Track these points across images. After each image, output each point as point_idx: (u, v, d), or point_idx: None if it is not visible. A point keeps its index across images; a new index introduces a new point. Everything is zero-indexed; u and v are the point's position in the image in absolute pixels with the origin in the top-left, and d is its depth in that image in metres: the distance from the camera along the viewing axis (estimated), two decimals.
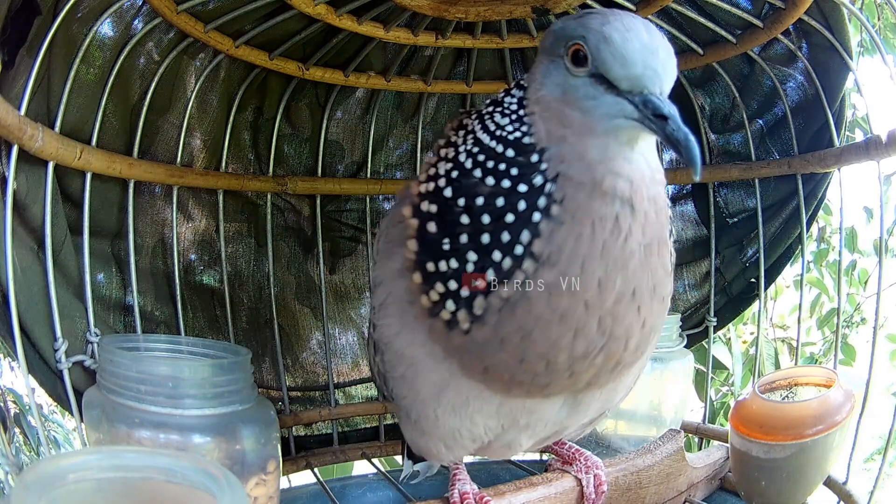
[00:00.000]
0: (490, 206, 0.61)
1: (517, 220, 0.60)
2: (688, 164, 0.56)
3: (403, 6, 1.04)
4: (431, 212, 0.64)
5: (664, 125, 0.56)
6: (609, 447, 1.21)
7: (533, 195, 0.60)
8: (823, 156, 1.11)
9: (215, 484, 0.54)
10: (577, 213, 0.59)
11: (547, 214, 0.60)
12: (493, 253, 0.60)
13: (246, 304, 1.31)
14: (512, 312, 0.60)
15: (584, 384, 0.66)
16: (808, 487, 0.97)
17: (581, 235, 0.59)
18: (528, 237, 0.60)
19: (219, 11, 1.03)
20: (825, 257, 2.05)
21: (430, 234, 0.64)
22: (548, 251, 0.59)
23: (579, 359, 0.62)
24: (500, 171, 0.62)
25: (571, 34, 0.61)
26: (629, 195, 0.60)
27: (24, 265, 0.84)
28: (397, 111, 1.40)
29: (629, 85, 0.58)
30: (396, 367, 0.73)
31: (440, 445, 0.77)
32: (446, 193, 0.64)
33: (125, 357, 0.81)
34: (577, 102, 0.61)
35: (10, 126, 0.76)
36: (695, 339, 1.36)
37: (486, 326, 0.61)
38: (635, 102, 0.58)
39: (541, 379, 0.63)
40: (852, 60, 1.07)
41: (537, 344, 0.61)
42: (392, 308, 0.72)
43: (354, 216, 1.41)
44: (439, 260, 0.63)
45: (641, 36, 0.58)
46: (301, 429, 1.34)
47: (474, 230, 0.61)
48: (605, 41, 0.58)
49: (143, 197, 1.14)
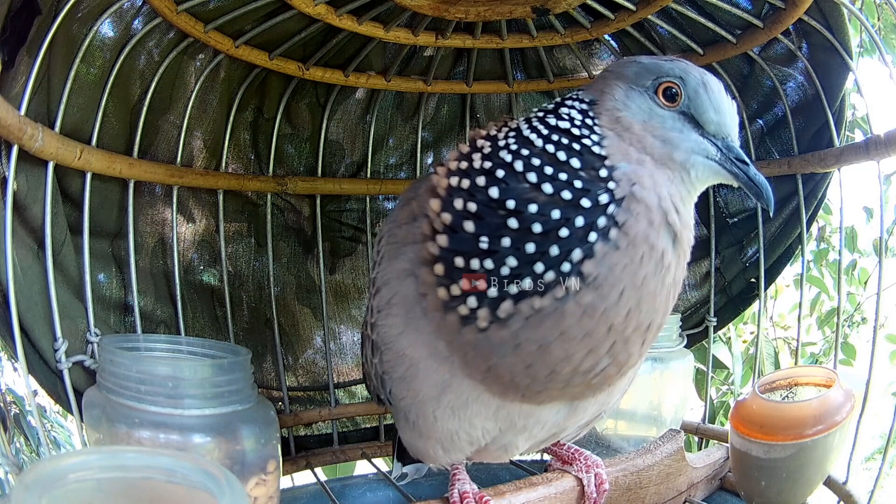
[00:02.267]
0: (544, 217, 0.60)
1: (571, 237, 0.59)
2: (765, 206, 0.65)
3: (403, 6, 1.04)
4: (470, 210, 0.62)
5: (746, 169, 0.64)
6: (609, 447, 1.21)
7: (595, 213, 0.60)
8: (823, 156, 1.11)
9: (215, 484, 0.54)
10: (635, 240, 0.60)
11: (605, 237, 0.59)
12: (535, 264, 0.59)
13: (246, 304, 1.31)
14: (540, 323, 0.60)
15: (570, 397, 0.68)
16: (808, 487, 0.97)
17: (631, 264, 0.60)
18: (579, 256, 0.59)
19: (219, 11, 1.03)
20: (825, 257, 2.05)
21: (465, 232, 0.62)
22: (596, 274, 0.59)
23: (581, 373, 0.63)
24: (560, 180, 0.61)
25: (668, 72, 0.66)
26: (680, 233, 0.62)
27: (24, 265, 0.84)
28: (397, 111, 1.40)
29: (715, 129, 0.65)
30: (396, 367, 0.73)
31: (437, 448, 0.77)
32: (492, 193, 0.62)
33: (125, 357, 0.81)
34: (663, 132, 0.65)
35: (10, 126, 0.76)
36: (695, 338, 1.36)
37: (507, 330, 0.61)
38: (718, 145, 0.65)
39: (536, 386, 0.64)
40: (852, 60, 1.07)
41: (552, 356, 0.61)
42: (397, 308, 0.72)
43: (354, 216, 1.41)
44: (472, 258, 0.61)
45: (727, 92, 0.67)
46: (301, 429, 1.34)
47: (520, 237, 0.60)
48: (705, 87, 0.65)
49: (143, 197, 1.14)
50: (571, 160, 0.62)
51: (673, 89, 0.65)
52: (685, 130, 0.65)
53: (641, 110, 0.65)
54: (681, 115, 0.65)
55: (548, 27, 1.19)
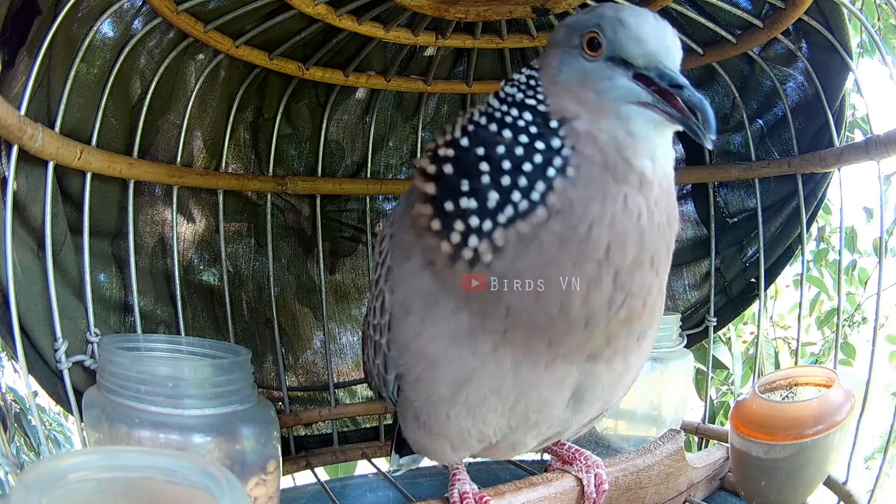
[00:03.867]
0: (510, 154, 0.64)
1: (534, 170, 0.63)
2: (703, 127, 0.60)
3: (403, 6, 1.04)
4: (448, 155, 0.67)
5: (680, 93, 0.61)
6: (609, 447, 1.21)
7: (550, 153, 0.63)
8: (823, 156, 1.11)
9: (215, 484, 0.54)
10: (591, 183, 0.62)
11: (562, 173, 0.63)
12: (512, 193, 0.63)
13: (246, 304, 1.31)
14: (527, 249, 0.63)
15: (602, 340, 0.68)
16: (808, 487, 0.97)
17: (592, 201, 0.61)
18: (543, 187, 0.62)
19: (219, 11, 1.03)
20: (825, 257, 2.05)
21: (448, 177, 0.66)
22: (559, 205, 0.62)
23: (599, 309, 0.64)
24: (518, 126, 0.66)
25: (586, 24, 0.65)
26: (638, 183, 0.62)
27: (24, 265, 0.84)
28: (397, 111, 1.40)
29: (645, 61, 0.63)
30: (413, 368, 0.73)
31: (446, 446, 0.78)
32: (463, 143, 0.67)
33: (125, 357, 0.81)
34: (594, 84, 0.64)
35: (10, 126, 0.76)
36: (695, 338, 1.36)
37: (505, 258, 0.64)
38: (651, 77, 0.62)
39: (558, 323, 0.65)
40: (852, 60, 1.07)
41: (551, 283, 0.63)
42: (413, 305, 0.72)
43: (354, 216, 1.41)
44: (459, 199, 0.65)
45: (650, 19, 0.64)
46: (301, 429, 1.34)
47: (494, 173, 0.64)
48: (621, 24, 0.63)
49: (143, 197, 1.14)
50: (524, 114, 0.66)
51: (596, 39, 0.64)
52: (615, 77, 0.64)
53: (575, 70, 0.66)
54: (609, 61, 0.64)
55: (548, 27, 1.19)
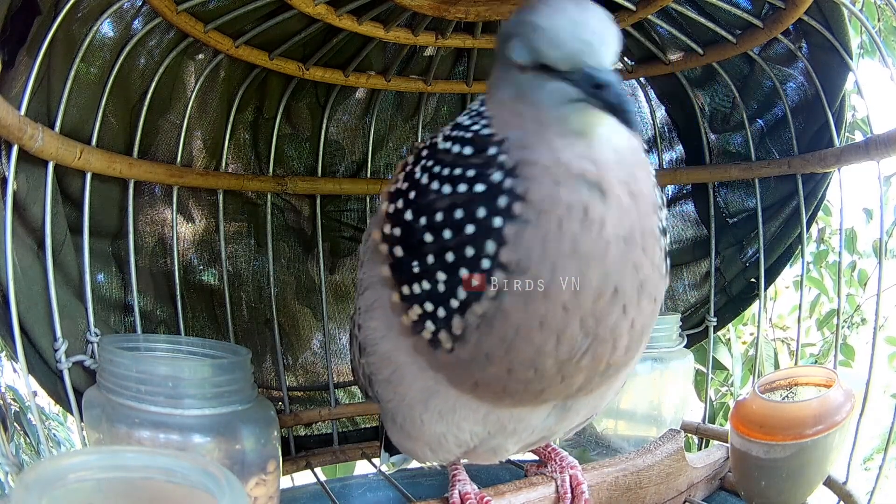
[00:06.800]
0: (449, 220, 0.58)
1: (479, 230, 0.57)
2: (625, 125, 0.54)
3: (403, 6, 1.04)
4: (396, 235, 0.62)
5: (603, 94, 0.54)
6: (609, 447, 1.21)
7: (492, 195, 0.57)
8: (823, 156, 1.11)
9: (215, 484, 0.54)
10: (543, 205, 0.56)
11: (510, 216, 0.56)
12: (459, 270, 0.57)
13: (246, 304, 1.31)
14: (490, 327, 0.58)
15: (576, 388, 0.64)
16: (808, 487, 0.97)
17: (548, 234, 0.55)
18: (493, 247, 0.56)
19: (219, 11, 1.03)
20: (825, 258, 2.05)
21: (399, 258, 0.62)
22: (516, 258, 0.56)
23: (566, 362, 0.59)
24: (455, 176, 0.59)
25: (509, 34, 0.60)
26: (596, 179, 0.56)
27: (24, 265, 0.84)
28: (397, 111, 1.40)
29: (567, 65, 0.56)
30: (382, 369, 0.71)
31: (426, 449, 0.77)
32: (407, 217, 0.61)
33: (125, 357, 0.81)
34: (527, 96, 0.59)
35: (10, 126, 0.76)
36: (695, 339, 1.36)
37: (469, 345, 0.59)
38: (576, 80, 0.55)
39: (533, 385, 0.61)
40: (852, 61, 1.07)
41: (522, 353, 0.58)
42: (378, 312, 0.70)
43: (354, 216, 1.41)
44: (412, 283, 0.61)
45: (568, 13, 0.56)
46: (301, 429, 1.34)
47: (439, 248, 0.59)
48: (534, 30, 0.56)
49: (143, 197, 1.14)
50: (464, 149, 0.61)
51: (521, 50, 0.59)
52: (544, 84, 0.58)
53: (509, 84, 0.61)
54: (536, 70, 0.58)
55: None
